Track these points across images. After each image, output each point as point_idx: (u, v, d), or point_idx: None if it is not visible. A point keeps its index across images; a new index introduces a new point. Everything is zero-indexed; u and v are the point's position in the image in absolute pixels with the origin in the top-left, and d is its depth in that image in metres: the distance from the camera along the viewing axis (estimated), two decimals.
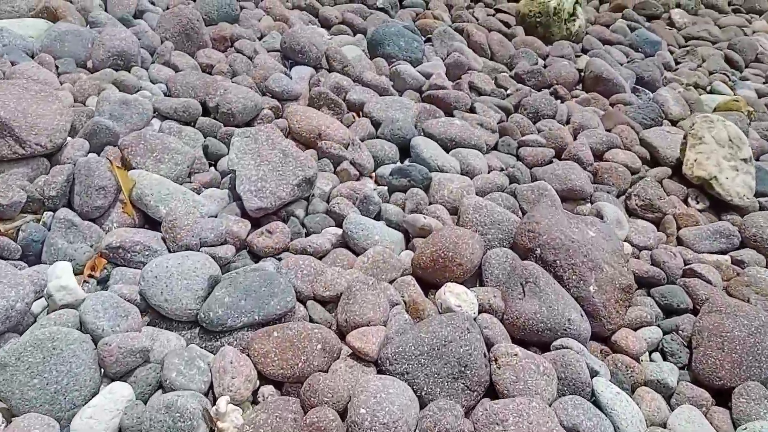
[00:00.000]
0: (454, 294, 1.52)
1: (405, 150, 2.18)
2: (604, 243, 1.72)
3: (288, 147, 1.80)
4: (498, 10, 3.54)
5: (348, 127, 2.27)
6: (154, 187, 1.63)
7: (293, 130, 2.10)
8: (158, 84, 2.25)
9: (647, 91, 2.95)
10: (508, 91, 2.69)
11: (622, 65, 3.17)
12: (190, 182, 1.82)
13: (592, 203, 2.10)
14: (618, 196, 2.18)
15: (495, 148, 2.35)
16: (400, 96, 2.54)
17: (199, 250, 1.55)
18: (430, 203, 1.91)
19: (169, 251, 1.53)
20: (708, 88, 3.14)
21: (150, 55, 2.39)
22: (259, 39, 2.74)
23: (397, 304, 1.52)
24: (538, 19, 3.28)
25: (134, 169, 1.74)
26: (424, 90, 2.57)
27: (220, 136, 2.00)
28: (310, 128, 2.07)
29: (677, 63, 3.38)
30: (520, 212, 1.96)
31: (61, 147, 1.73)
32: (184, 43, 2.45)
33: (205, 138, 2.01)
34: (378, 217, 1.87)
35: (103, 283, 1.48)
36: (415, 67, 2.71)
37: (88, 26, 2.48)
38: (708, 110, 2.81)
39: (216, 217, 1.71)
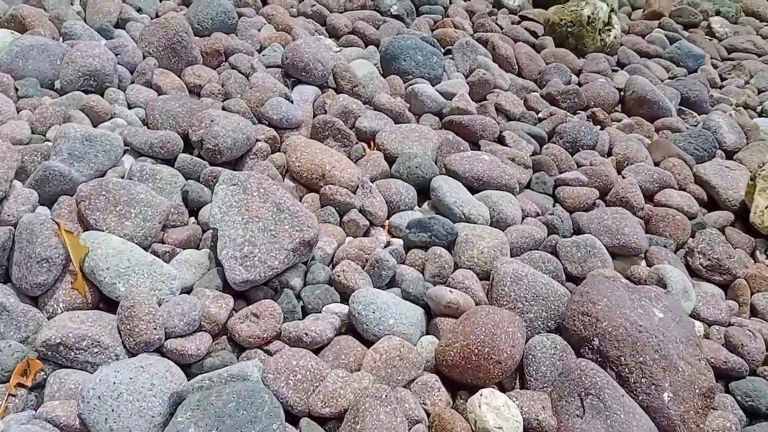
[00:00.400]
0: (492, 408, 1.14)
1: (424, 190, 1.80)
2: (675, 328, 1.33)
3: (283, 199, 1.42)
4: (523, 18, 3.13)
5: (357, 161, 1.88)
6: (110, 258, 1.25)
7: (292, 169, 1.72)
8: (136, 109, 1.86)
9: (694, 113, 2.54)
10: (540, 114, 2.29)
11: (662, 81, 2.76)
12: (162, 242, 1.45)
13: (647, 261, 1.70)
14: (676, 251, 1.79)
15: (528, 185, 1.96)
16: (418, 121, 2.15)
17: (162, 346, 1.17)
18: (456, 266, 1.53)
19: (125, 348, 1.16)
20: (758, 109, 2.73)
21: (130, 73, 2.00)
22: (259, 52, 2.35)
23: (418, 422, 1.14)
24: (569, 29, 2.86)
25: (93, 229, 1.36)
26: (445, 113, 2.18)
27: (203, 179, 1.62)
28: (313, 167, 1.69)
29: (722, 79, 2.96)
30: (563, 274, 1.58)
31: (2, 200, 1.35)
32: (170, 58, 2.06)
33: (186, 179, 1.63)
34: (392, 282, 1.49)
35: (38, 389, 1.11)
36: (434, 86, 2.31)
37: (61, 39, 2.09)
38: (766, 138, 2.40)
39: (191, 290, 1.34)
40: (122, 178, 1.56)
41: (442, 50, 2.64)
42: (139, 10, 2.40)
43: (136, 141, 1.64)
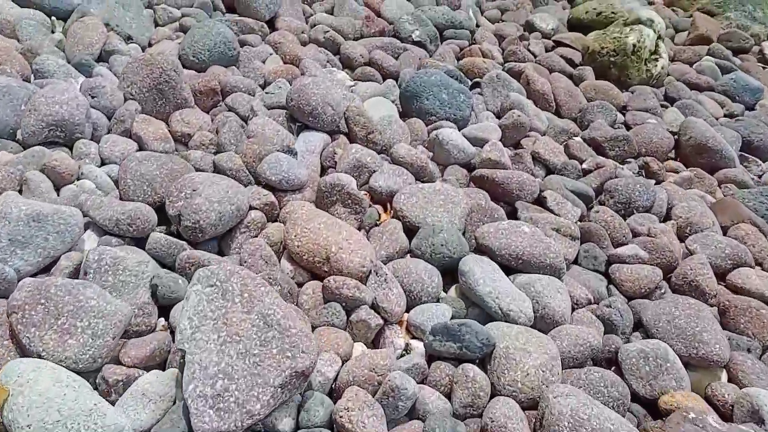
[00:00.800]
0: None
1: (451, 270, 1.43)
2: None
3: (273, 309, 1.06)
4: (558, 43, 2.73)
5: (370, 231, 1.52)
6: (34, 409, 0.90)
7: (291, 248, 1.36)
8: (110, 166, 1.52)
9: (759, 161, 2.14)
10: (585, 165, 1.91)
11: (718, 120, 2.36)
12: (118, 361, 1.09)
13: (729, 373, 1.31)
14: (761, 355, 1.40)
15: (575, 260, 1.58)
16: (443, 173, 1.78)
17: None
18: (494, 390, 1.16)
19: None
20: None
21: (108, 119, 1.66)
22: (262, 88, 1.99)
23: None
24: (612, 59, 2.47)
25: (26, 350, 1.02)
26: (474, 164, 1.81)
27: (179, 265, 1.27)
28: (315, 248, 1.33)
29: None
30: (629, 398, 1.20)
31: None
32: (155, 101, 1.71)
33: (161, 265, 1.28)
34: (411, 411, 1.13)
35: None
36: (461, 129, 1.94)
37: (33, 76, 1.75)
38: None
39: None
40: (78, 266, 1.22)
41: (470, 82, 2.27)
42: (128, 39, 2.05)
43: (99, 216, 1.29)
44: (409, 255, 1.47)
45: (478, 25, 2.81)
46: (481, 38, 2.65)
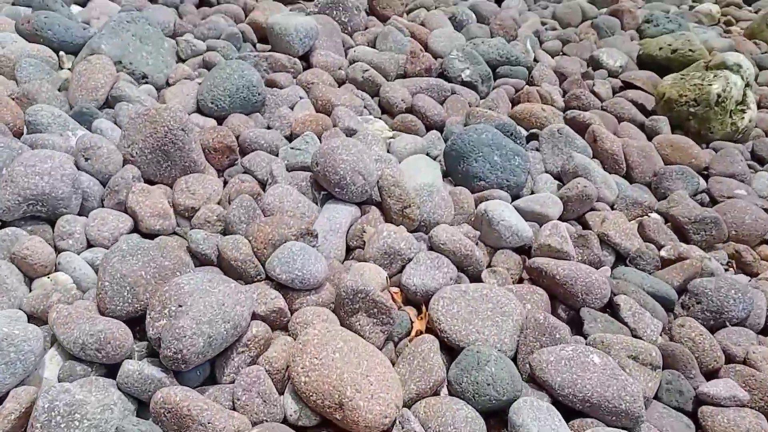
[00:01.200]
0: None
1: (499, 411, 1.10)
2: None
3: None
4: (627, 84, 2.34)
5: (399, 344, 1.20)
6: None
7: (296, 385, 1.04)
8: (95, 250, 1.24)
9: None
10: (663, 252, 1.53)
11: None
12: None
13: None
14: None
15: (655, 395, 1.22)
16: (491, 259, 1.45)
17: None
18: None
19: None
20: None
21: (103, 185, 1.38)
22: (288, 140, 1.68)
23: None
24: (692, 109, 2.06)
25: None
26: (529, 246, 1.47)
27: (154, 410, 0.96)
28: (326, 390, 1.00)
29: None
30: None
31: None
32: (159, 164, 1.42)
33: (137, 402, 0.98)
34: None
35: None
36: (515, 199, 1.60)
37: (25, 128, 1.49)
38: None
39: None
40: (29, 408, 0.93)
41: (525, 134, 1.90)
42: (143, 78, 1.77)
43: (63, 336, 1.00)
44: (446, 387, 1.14)
45: (536, 60, 2.43)
46: (540, 77, 2.27)
